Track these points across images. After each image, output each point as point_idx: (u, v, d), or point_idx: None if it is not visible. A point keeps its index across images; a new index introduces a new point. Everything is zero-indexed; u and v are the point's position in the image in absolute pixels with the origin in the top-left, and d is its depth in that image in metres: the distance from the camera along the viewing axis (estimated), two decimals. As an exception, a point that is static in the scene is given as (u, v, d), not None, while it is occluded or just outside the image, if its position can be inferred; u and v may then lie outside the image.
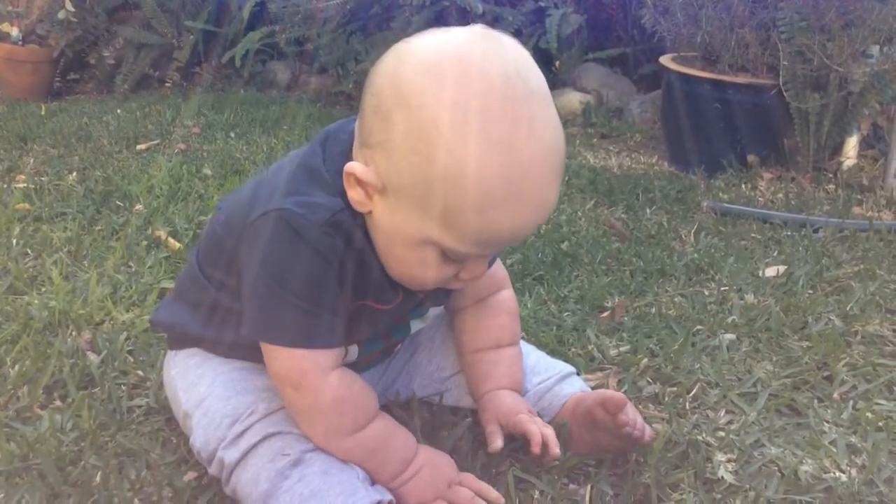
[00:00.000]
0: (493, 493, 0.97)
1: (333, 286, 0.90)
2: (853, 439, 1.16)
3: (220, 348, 1.03)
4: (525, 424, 1.04)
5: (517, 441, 1.08)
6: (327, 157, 0.92)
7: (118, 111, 3.18)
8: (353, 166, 0.86)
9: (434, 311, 1.09)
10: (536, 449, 1.01)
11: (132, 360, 1.30)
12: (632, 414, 1.03)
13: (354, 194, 0.87)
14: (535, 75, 0.84)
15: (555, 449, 1.01)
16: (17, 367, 1.24)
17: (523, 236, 0.89)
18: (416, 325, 1.09)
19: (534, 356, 1.18)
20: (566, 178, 2.39)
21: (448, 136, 0.79)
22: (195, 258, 1.06)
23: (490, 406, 1.09)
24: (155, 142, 2.71)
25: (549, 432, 1.03)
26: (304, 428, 0.94)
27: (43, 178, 2.24)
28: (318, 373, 0.91)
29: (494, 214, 0.81)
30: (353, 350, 1.02)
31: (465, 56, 0.82)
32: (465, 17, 3.22)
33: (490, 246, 0.87)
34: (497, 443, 1.05)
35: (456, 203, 0.81)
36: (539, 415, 1.09)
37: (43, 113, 3.15)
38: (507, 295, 1.15)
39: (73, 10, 3.50)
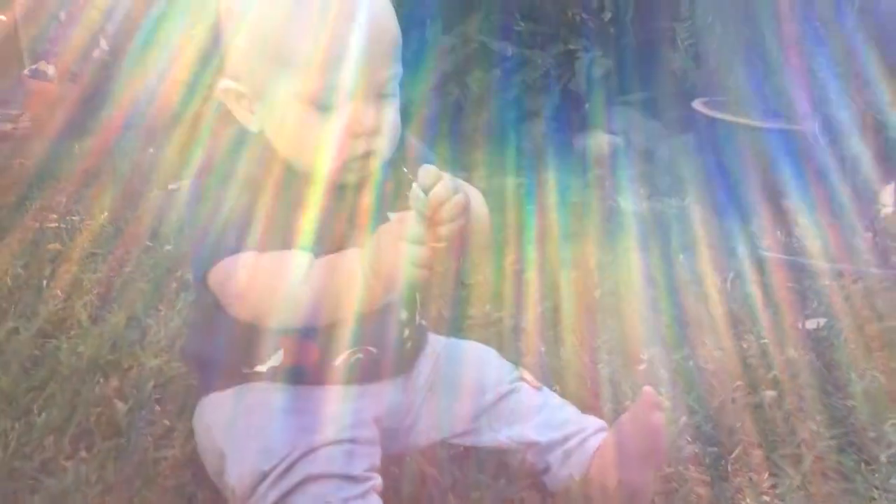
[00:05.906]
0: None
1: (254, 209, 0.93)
2: (905, 508, 1.11)
3: (251, 357, 1.02)
4: None
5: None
6: None
7: (150, 150, 3.21)
8: (222, 82, 0.96)
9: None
10: None
11: (160, 408, 1.28)
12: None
13: (240, 116, 0.97)
14: None
15: None
16: (43, 416, 1.23)
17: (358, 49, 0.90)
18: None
19: (566, 412, 1.15)
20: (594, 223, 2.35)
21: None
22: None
23: None
24: (187, 181, 2.72)
25: None
26: (288, 313, 0.93)
27: (74, 218, 2.25)
28: (233, 262, 0.91)
29: (297, 28, 0.89)
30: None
31: None
32: (492, 59, 3.22)
33: (327, 66, 0.89)
34: None
35: (273, 36, 0.90)
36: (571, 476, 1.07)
37: (76, 151, 3.19)
38: None
39: (107, 48, 3.55)
